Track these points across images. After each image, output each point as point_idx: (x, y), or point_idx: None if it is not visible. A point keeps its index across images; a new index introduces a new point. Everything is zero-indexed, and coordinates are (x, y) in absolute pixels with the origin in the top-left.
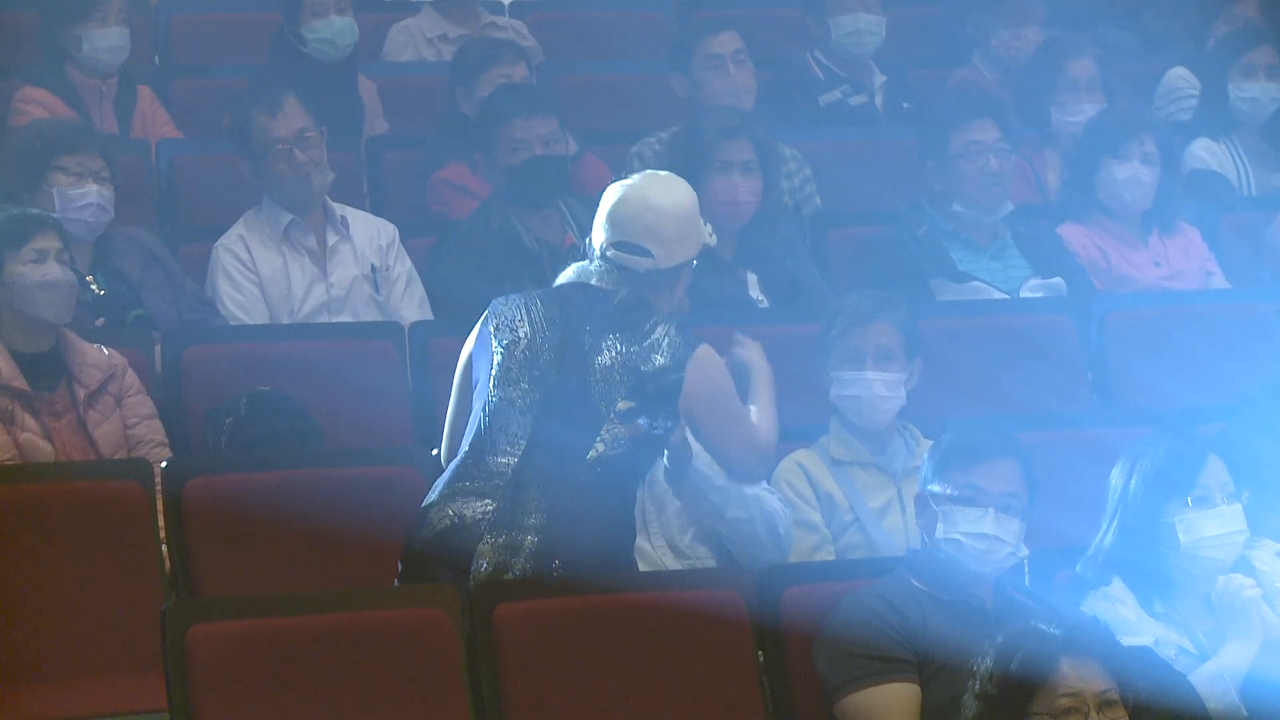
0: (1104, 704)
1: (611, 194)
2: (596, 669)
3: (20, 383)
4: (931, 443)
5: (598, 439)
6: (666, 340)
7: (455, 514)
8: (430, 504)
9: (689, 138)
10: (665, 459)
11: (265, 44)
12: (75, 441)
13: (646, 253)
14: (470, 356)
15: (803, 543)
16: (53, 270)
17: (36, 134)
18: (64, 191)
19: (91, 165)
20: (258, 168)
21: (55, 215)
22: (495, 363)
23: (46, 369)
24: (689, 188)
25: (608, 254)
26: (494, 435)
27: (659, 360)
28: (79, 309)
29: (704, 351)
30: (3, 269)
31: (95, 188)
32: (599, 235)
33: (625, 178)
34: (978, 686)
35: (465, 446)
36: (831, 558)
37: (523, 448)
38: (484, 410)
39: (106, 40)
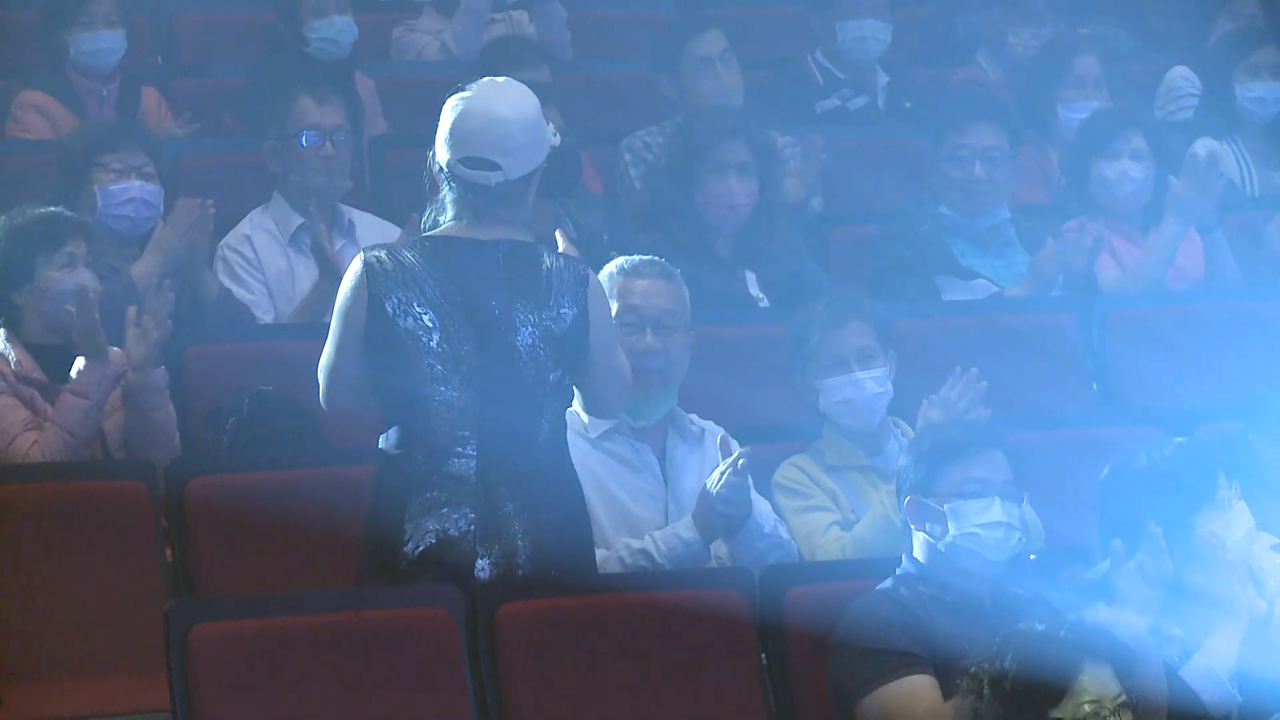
0: (1119, 708)
1: (451, 109)
2: (598, 669)
3: (39, 374)
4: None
5: (542, 420)
6: (560, 281)
7: (437, 529)
8: (400, 519)
9: (685, 138)
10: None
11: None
12: None
13: (495, 166)
14: (357, 318)
15: (817, 522)
16: (83, 276)
17: (80, 135)
18: (105, 188)
19: (134, 161)
20: (283, 149)
21: (85, 217)
22: (410, 354)
23: (61, 360)
24: (529, 92)
25: (455, 171)
26: (440, 439)
27: (566, 313)
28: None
29: (593, 281)
30: (35, 272)
31: (139, 183)
32: (443, 154)
33: (461, 90)
34: (987, 688)
35: (407, 450)
36: (846, 533)
37: (474, 446)
38: (422, 413)
39: (93, 44)
